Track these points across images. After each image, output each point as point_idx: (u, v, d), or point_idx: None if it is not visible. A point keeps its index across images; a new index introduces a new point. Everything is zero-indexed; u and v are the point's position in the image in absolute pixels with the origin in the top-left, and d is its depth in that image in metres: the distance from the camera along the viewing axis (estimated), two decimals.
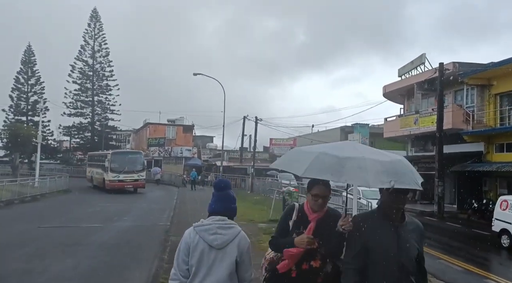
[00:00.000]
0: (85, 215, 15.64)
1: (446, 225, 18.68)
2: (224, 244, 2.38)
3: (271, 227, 12.08)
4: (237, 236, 2.45)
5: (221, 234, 2.40)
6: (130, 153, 31.10)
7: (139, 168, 27.31)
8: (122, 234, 11.35)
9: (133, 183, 26.67)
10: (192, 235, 2.42)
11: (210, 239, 2.38)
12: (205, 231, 2.41)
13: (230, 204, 2.55)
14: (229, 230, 2.44)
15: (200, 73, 29.10)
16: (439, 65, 22.00)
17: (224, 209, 2.51)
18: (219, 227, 2.42)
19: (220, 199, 2.54)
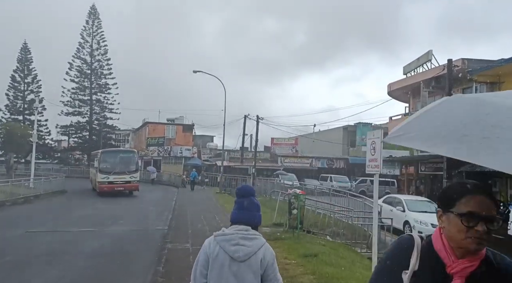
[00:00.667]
0: (78, 219, 14.84)
1: None
2: (247, 257, 2.20)
3: (275, 232, 11.28)
4: (261, 248, 2.26)
5: (244, 245, 2.22)
6: (121, 152, 27.79)
7: (131, 169, 24.73)
8: (115, 240, 10.54)
9: (124, 185, 24.03)
10: (213, 245, 2.25)
11: (232, 250, 2.20)
12: (227, 241, 2.23)
13: (254, 212, 2.36)
14: (253, 241, 2.25)
15: (200, 70, 28.26)
16: (448, 62, 21.18)
17: (247, 217, 2.33)
18: (242, 238, 2.24)
19: (243, 207, 2.36)
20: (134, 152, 26.81)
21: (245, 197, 2.40)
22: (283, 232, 11.25)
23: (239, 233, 2.27)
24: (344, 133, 44.74)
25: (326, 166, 41.69)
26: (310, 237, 10.93)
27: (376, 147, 5.47)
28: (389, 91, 29.18)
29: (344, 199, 18.84)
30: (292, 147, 44.07)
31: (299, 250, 8.61)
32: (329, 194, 20.77)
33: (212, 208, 18.34)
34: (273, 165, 40.64)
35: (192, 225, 12.72)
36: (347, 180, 36.65)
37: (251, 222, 2.33)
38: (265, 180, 30.50)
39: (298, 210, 10.26)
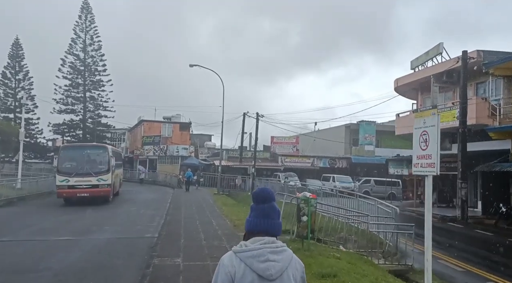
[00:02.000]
0: (59, 224, 13.32)
1: (475, 233, 16.43)
2: (279, 274, 1.86)
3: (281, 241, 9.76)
4: (292, 261, 1.95)
5: (274, 261, 1.86)
6: (88, 147, 21.79)
7: (100, 169, 19.40)
8: (93, 253, 9.02)
9: (90, 190, 18.82)
10: (236, 264, 1.86)
11: (262, 268, 1.83)
12: (253, 258, 1.85)
13: (276, 220, 2.01)
14: (283, 255, 1.92)
15: (196, 64, 26.73)
16: (463, 53, 19.78)
17: (270, 227, 1.97)
18: (272, 252, 1.88)
19: (264, 214, 1.98)
20: (104, 148, 20.86)
21: (265, 202, 2.04)
22: (290, 241, 9.74)
23: (267, 247, 1.92)
24: (346, 132, 43.30)
25: (328, 166, 40.22)
26: (322, 248, 9.44)
27: (429, 138, 4.00)
28: (396, 87, 27.71)
29: (352, 201, 17.40)
30: (292, 146, 42.59)
31: (312, 267, 7.12)
32: (335, 195, 19.30)
33: (209, 212, 16.83)
34: (273, 164, 39.14)
35: (185, 232, 11.21)
36: (350, 180, 35.21)
37: (274, 232, 2.00)
38: (265, 180, 29.05)
39: (308, 217, 8.76)
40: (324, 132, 44.00)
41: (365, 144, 41.45)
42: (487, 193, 20.59)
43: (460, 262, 11.11)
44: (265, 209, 2.03)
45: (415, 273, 9.89)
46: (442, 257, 11.88)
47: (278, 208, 2.08)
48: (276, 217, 2.04)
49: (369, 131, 41.73)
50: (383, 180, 31.67)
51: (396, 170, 25.67)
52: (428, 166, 4.18)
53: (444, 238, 15.81)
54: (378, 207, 13.84)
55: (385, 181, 30.33)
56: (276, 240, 1.98)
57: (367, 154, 40.86)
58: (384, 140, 42.35)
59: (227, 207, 18.49)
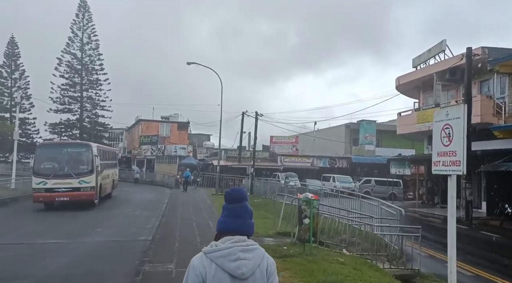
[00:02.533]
0: (50, 226, 12.80)
1: (481, 234, 15.92)
2: (251, 272, 1.85)
3: (281, 245, 9.25)
4: (263, 259, 1.93)
5: (246, 259, 1.85)
6: (68, 145, 19.20)
7: (82, 170, 17.19)
8: (83, 258, 8.50)
9: (69, 194, 16.70)
10: (207, 264, 1.84)
11: (233, 268, 1.81)
12: (224, 257, 1.83)
13: (248, 220, 1.98)
14: (254, 253, 1.90)
15: (194, 62, 26.19)
16: (467, 50, 19.28)
17: (241, 227, 1.94)
18: (242, 250, 1.86)
19: (235, 214, 1.96)
20: (87, 146, 18.36)
21: (237, 202, 1.99)
22: (290, 245, 9.24)
23: (238, 245, 1.87)
24: (347, 131, 42.80)
25: (328, 166, 39.69)
26: (325, 252, 8.92)
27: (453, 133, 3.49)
28: (398, 85, 27.22)
29: (353, 202, 16.87)
30: (292, 146, 42.07)
31: (316, 275, 6.60)
32: (336, 196, 18.77)
33: (206, 213, 16.32)
34: (272, 164, 38.63)
35: (181, 235, 10.69)
36: (350, 180, 34.69)
37: (245, 232, 1.94)
38: (264, 181, 28.52)
39: (310, 219, 8.25)
40: (324, 132, 43.51)
41: (366, 144, 40.95)
42: (492, 193, 20.12)
43: (469, 266, 10.60)
44: (237, 209, 1.97)
45: (423, 278, 9.39)
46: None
47: (250, 208, 2.02)
48: (248, 217, 1.99)
49: (370, 130, 41.25)
50: (384, 180, 31.21)
51: (398, 170, 25.17)
52: (452, 164, 3.67)
53: None
54: (381, 208, 13.33)
55: (386, 181, 29.89)
56: (248, 239, 1.94)
57: (367, 154, 40.37)
58: (385, 140, 41.89)
59: None
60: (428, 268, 10.22)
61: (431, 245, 13.40)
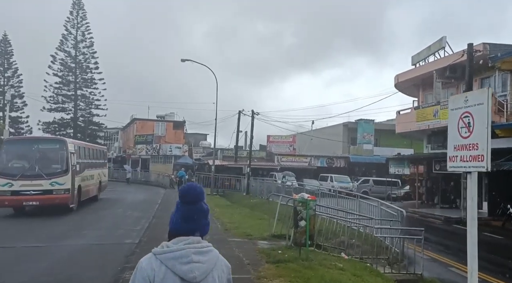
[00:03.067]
0: (33, 228, 12.18)
1: (483, 236, 15.32)
2: (203, 276, 1.75)
3: (276, 249, 8.68)
4: (217, 262, 1.83)
5: (199, 262, 1.74)
6: (37, 141, 16.39)
7: (55, 170, 14.88)
8: (62, 263, 7.90)
9: (39, 197, 14.31)
10: (156, 266, 1.71)
11: (185, 271, 1.71)
12: (176, 260, 1.72)
13: (203, 221, 1.87)
14: (208, 255, 1.80)
15: (189, 59, 25.61)
16: (468, 46, 18.74)
17: (195, 228, 1.84)
18: (196, 253, 1.75)
19: (189, 216, 1.84)
20: (61, 142, 15.81)
21: (192, 204, 1.85)
22: (285, 249, 8.67)
23: (191, 247, 1.76)
24: (344, 130, 42.28)
25: (325, 165, 39.16)
26: (323, 256, 8.35)
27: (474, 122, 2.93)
28: (396, 83, 26.69)
29: (352, 202, 16.32)
30: (289, 145, 41.52)
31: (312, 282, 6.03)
32: (334, 196, 18.22)
33: None
34: (269, 164, 38.05)
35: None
36: (348, 180, 34.18)
37: (199, 232, 1.85)
38: (261, 180, 27.95)
39: (307, 222, 7.68)
40: (321, 131, 42.99)
41: (364, 143, 40.45)
42: (493, 193, 19.63)
43: None
44: (192, 210, 1.86)
45: None
46: (453, 263, 10.86)
47: (206, 208, 1.90)
48: (203, 218, 1.89)
49: (368, 129, 40.76)
50: (382, 180, 30.77)
51: (397, 169, 24.65)
52: (472, 159, 3.12)
53: (452, 241, 14.79)
54: (381, 209, 12.77)
55: (384, 181, 29.47)
56: (202, 240, 1.85)
57: (365, 153, 39.87)
58: (383, 139, 41.40)
59: (219, 208, 17.41)
60: (430, 272, 9.68)
61: (432, 247, 12.88)
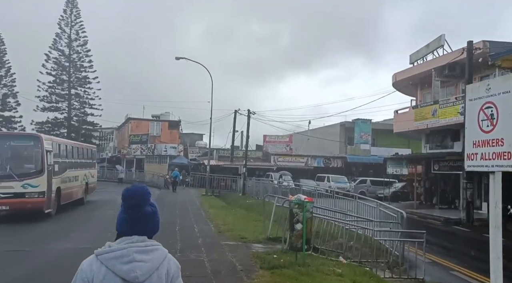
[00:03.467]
0: (17, 230, 11.64)
1: (484, 237, 14.94)
2: (147, 275, 1.68)
3: (271, 253, 8.24)
4: (164, 261, 1.76)
5: (142, 261, 1.68)
6: (8, 137, 14.94)
7: (28, 170, 13.29)
8: (42, 269, 7.46)
9: (9, 201, 12.63)
10: (96, 268, 1.67)
11: (126, 271, 1.66)
12: (116, 259, 1.67)
13: (150, 223, 1.80)
14: (153, 254, 1.74)
15: (183, 57, 25.14)
16: (468, 44, 18.44)
17: (142, 230, 1.77)
18: (138, 251, 1.70)
19: (134, 219, 1.76)
20: (36, 138, 13.82)
21: (135, 209, 1.76)
22: (281, 253, 8.23)
23: (133, 246, 1.71)
24: (341, 130, 41.93)
25: (322, 165, 38.79)
26: (320, 261, 7.92)
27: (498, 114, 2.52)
28: (394, 82, 26.36)
29: (350, 203, 15.89)
30: (286, 145, 41.12)
31: None
32: (332, 196, 17.80)
33: (193, 215, 15.28)
34: (265, 164, 37.63)
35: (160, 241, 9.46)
36: (345, 180, 33.83)
37: (147, 233, 1.79)
38: (257, 181, 27.51)
39: (303, 225, 7.25)
40: (318, 131, 42.64)
41: (361, 143, 40.12)
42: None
43: (477, 274, 9.68)
44: (135, 215, 1.76)
45: None
46: (454, 267, 10.46)
47: (152, 210, 1.79)
48: (149, 221, 1.79)
49: (365, 129, 40.44)
50: (379, 180, 30.43)
51: (395, 169, 24.30)
52: (497, 157, 2.72)
53: (452, 244, 14.42)
54: (380, 210, 12.36)
55: (382, 181, 29.16)
56: (148, 239, 1.78)
57: (362, 153, 39.54)
58: (380, 139, 41.11)
59: (214, 209, 16.96)
60: (432, 277, 9.27)
61: (433, 249, 12.48)
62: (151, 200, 1.85)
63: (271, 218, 10.90)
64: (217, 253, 8.29)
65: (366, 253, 9.64)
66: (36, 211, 13.09)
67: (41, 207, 13.17)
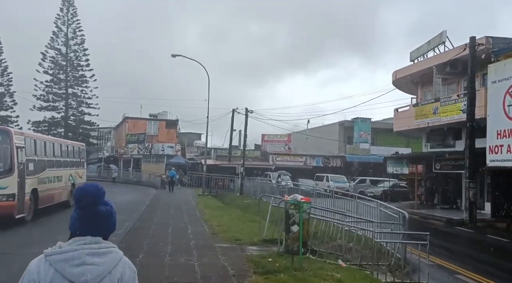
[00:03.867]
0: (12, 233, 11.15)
1: (488, 239, 14.55)
2: (98, 279, 1.59)
3: (266, 257, 7.78)
4: (118, 264, 1.66)
5: (93, 264, 1.60)
6: None
7: None
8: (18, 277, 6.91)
9: None
10: (43, 270, 1.59)
11: (75, 274, 1.58)
12: (66, 262, 1.59)
13: (103, 224, 1.70)
14: (106, 257, 1.64)
15: (179, 54, 24.67)
16: (470, 40, 17.97)
17: (94, 231, 1.67)
18: (90, 254, 1.61)
19: (87, 220, 1.67)
20: (4, 132, 12.31)
21: (87, 209, 1.66)
22: (276, 256, 7.77)
23: (85, 248, 1.62)
24: (340, 129, 41.49)
25: (321, 165, 38.34)
26: (318, 265, 7.46)
27: None
28: (394, 80, 25.90)
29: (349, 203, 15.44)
30: (284, 144, 40.68)
31: None
32: (331, 196, 17.35)
33: (187, 216, 14.83)
34: (264, 163, 37.18)
35: (150, 244, 9.18)
36: (345, 180, 33.40)
37: (101, 234, 1.69)
38: (255, 180, 27.07)
39: (300, 227, 6.79)
40: (317, 130, 42.19)
41: (360, 142, 39.68)
42: (496, 193, 18.83)
43: (483, 277, 9.22)
44: (88, 215, 1.69)
45: None
46: (460, 270, 9.97)
47: (107, 210, 1.71)
48: (102, 222, 1.70)
49: (364, 128, 39.99)
50: (379, 179, 29.98)
51: (396, 168, 23.83)
52: None
53: (456, 245, 13.96)
54: (380, 211, 11.90)
55: (382, 181, 28.74)
56: (103, 240, 1.69)
57: (362, 152, 39.10)
58: (379, 138, 40.69)
59: (209, 210, 16.49)
60: (436, 281, 8.83)
61: (436, 251, 11.98)
62: (105, 199, 1.75)
63: (267, 219, 10.45)
64: (209, 257, 7.84)
65: (366, 255, 9.18)
66: (4, 216, 11.28)
67: (11, 212, 11.42)
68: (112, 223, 1.76)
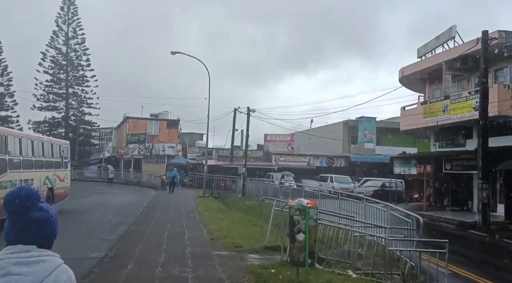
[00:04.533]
0: None
1: (504, 243, 13.69)
2: None
3: (268, 267, 7.02)
4: (51, 275, 1.50)
5: (20, 274, 1.47)
6: None
7: None
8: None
9: None
10: None
11: None
12: None
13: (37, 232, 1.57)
14: (36, 266, 1.50)
15: (179, 52, 23.97)
16: (483, 34, 17.13)
17: (27, 238, 1.56)
18: (17, 263, 1.49)
19: (17, 227, 1.56)
20: None
21: (18, 215, 1.56)
22: (280, 267, 7.02)
23: (11, 257, 1.51)
24: (345, 129, 40.66)
25: (325, 165, 37.51)
26: (326, 277, 6.69)
27: None
28: (401, 77, 25.08)
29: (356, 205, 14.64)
30: (287, 144, 39.90)
31: None
32: (336, 198, 16.55)
33: (186, 219, 14.10)
34: (266, 164, 36.42)
35: (142, 251, 8.45)
36: (349, 180, 32.56)
37: (36, 242, 1.56)
38: (257, 181, 26.30)
39: (306, 235, 6.03)
40: (320, 130, 41.39)
41: (365, 142, 38.82)
42: (510, 194, 17.97)
43: None
44: (19, 222, 1.56)
45: None
46: (478, 279, 9.17)
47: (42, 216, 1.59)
48: (37, 228, 1.57)
49: (369, 128, 39.14)
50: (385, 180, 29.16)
51: (403, 169, 22.98)
52: None
53: (471, 251, 13.14)
54: (391, 214, 11.10)
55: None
56: (36, 248, 1.55)
57: (367, 152, 38.25)
58: (385, 138, 39.83)
59: (209, 212, 15.75)
60: None
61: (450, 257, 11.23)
62: (42, 204, 1.62)
63: (270, 223, 9.69)
64: (205, 267, 7.10)
65: (377, 262, 8.42)
66: None
67: None
68: (50, 230, 1.62)
